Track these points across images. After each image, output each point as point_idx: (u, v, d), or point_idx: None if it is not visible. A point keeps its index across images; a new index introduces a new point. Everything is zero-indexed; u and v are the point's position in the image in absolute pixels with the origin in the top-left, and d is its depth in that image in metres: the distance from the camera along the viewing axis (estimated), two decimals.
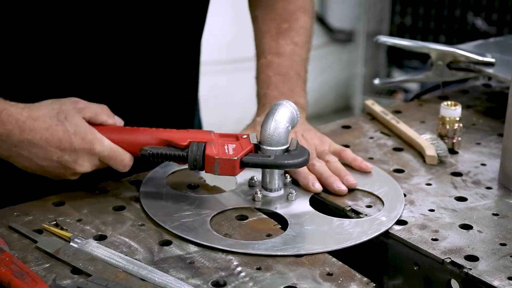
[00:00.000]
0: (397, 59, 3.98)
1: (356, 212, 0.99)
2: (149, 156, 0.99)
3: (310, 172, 1.05)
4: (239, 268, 0.85)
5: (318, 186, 1.03)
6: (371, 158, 1.16)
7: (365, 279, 0.84)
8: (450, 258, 0.88)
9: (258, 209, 0.99)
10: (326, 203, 1.03)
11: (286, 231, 0.94)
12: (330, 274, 0.85)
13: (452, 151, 1.19)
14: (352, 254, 0.92)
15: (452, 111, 1.20)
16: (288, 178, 1.05)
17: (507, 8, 3.67)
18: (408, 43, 1.45)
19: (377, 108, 1.33)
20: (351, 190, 1.04)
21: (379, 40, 1.41)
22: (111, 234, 0.92)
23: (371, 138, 1.25)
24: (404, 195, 1.04)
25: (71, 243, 0.88)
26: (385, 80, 1.50)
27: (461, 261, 0.88)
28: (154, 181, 1.06)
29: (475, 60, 1.36)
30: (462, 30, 3.77)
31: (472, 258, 0.88)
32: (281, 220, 0.97)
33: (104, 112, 1.01)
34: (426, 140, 1.18)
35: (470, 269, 0.86)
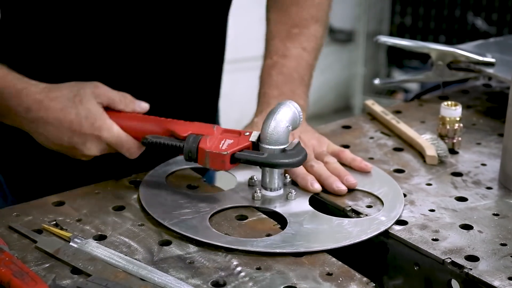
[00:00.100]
0: (397, 59, 3.98)
1: (357, 212, 0.99)
2: (149, 144, 1.01)
3: (309, 173, 1.05)
4: (238, 268, 0.85)
5: (317, 186, 1.03)
6: (372, 158, 1.16)
7: (364, 279, 0.84)
8: (451, 258, 0.88)
9: (257, 208, 0.99)
10: (326, 203, 1.03)
11: (285, 229, 0.93)
12: (330, 274, 0.85)
13: (452, 151, 1.19)
14: (352, 254, 0.92)
15: (452, 111, 1.20)
16: (288, 178, 1.05)
17: (507, 8, 3.67)
18: (408, 43, 1.45)
19: (377, 108, 1.33)
20: (351, 190, 1.04)
21: (379, 40, 1.41)
22: (110, 234, 0.92)
23: (371, 138, 1.25)
24: (405, 195, 1.04)
25: (70, 243, 0.88)
26: (385, 80, 1.50)
27: (461, 261, 0.88)
28: (154, 180, 1.06)
29: (475, 60, 1.36)
30: (462, 30, 3.78)
31: (473, 258, 0.88)
32: (280, 220, 0.97)
33: (123, 101, 1.04)
34: (427, 140, 1.18)
35: (471, 269, 0.86)
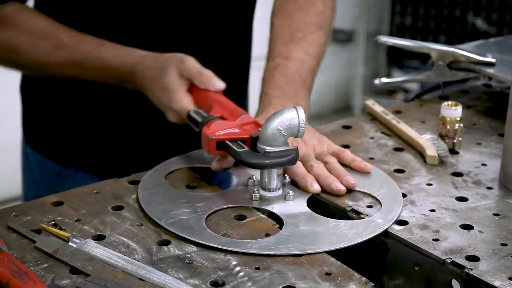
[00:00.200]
0: (397, 59, 3.99)
1: (357, 212, 0.99)
2: (187, 117, 1.11)
3: (309, 173, 1.05)
4: (237, 268, 0.85)
5: (316, 187, 1.03)
6: (372, 158, 1.16)
7: (363, 278, 0.83)
8: (451, 258, 0.88)
9: (255, 208, 0.99)
10: (326, 204, 1.02)
11: (281, 231, 0.93)
12: (328, 274, 0.84)
13: (453, 151, 1.19)
14: (353, 254, 0.92)
15: (452, 111, 1.19)
16: (287, 179, 1.04)
17: (507, 8, 3.67)
18: (408, 43, 1.45)
19: (377, 108, 1.33)
20: (350, 191, 1.04)
21: (379, 40, 1.41)
22: (109, 234, 0.92)
23: (372, 138, 1.24)
24: (405, 196, 1.03)
25: (69, 243, 0.88)
26: (385, 80, 1.49)
27: (462, 261, 0.87)
28: (153, 180, 1.05)
29: (475, 60, 1.36)
30: (462, 30, 3.78)
31: (473, 258, 0.88)
32: (279, 220, 0.96)
33: (198, 78, 1.13)
34: (427, 140, 1.17)
35: (471, 269, 0.86)
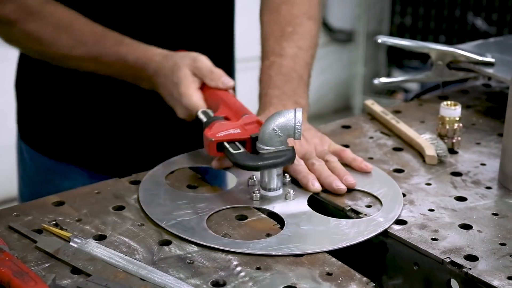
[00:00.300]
0: (397, 59, 3.98)
1: (356, 212, 0.99)
2: (195, 116, 1.13)
3: (310, 171, 1.05)
4: (238, 268, 0.85)
5: (317, 185, 1.03)
6: (371, 158, 1.16)
7: (364, 278, 0.84)
8: (450, 258, 0.88)
9: (256, 208, 0.99)
10: (325, 203, 1.03)
11: (282, 231, 0.93)
12: (329, 274, 0.85)
13: (452, 151, 1.19)
14: (352, 254, 0.92)
15: (452, 111, 1.20)
16: (288, 178, 1.05)
17: (507, 8, 3.67)
18: (408, 43, 1.45)
19: (377, 108, 1.33)
20: (350, 190, 1.04)
21: (379, 40, 1.41)
22: (110, 234, 0.92)
23: (371, 138, 1.25)
24: (404, 195, 1.04)
25: (70, 243, 0.88)
26: (385, 80, 1.50)
27: (460, 260, 0.88)
28: (153, 180, 1.06)
29: (475, 60, 1.36)
30: (462, 30, 3.78)
31: (472, 258, 0.88)
32: (280, 220, 0.97)
33: (209, 76, 1.16)
34: (426, 140, 1.18)
35: (470, 268, 0.86)
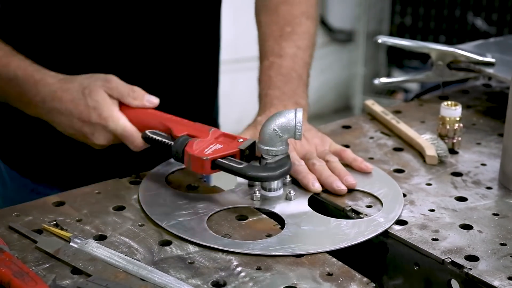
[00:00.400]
0: (397, 59, 3.98)
1: (357, 212, 0.99)
2: (145, 139, 1.04)
3: (310, 171, 1.05)
4: (239, 268, 0.85)
5: (318, 186, 1.03)
6: (371, 158, 1.16)
7: (365, 279, 0.84)
8: (450, 258, 0.88)
9: (256, 208, 0.99)
10: (326, 204, 1.03)
11: (283, 231, 0.93)
12: (330, 274, 0.85)
13: (452, 151, 1.19)
14: (352, 254, 0.92)
15: (452, 111, 1.20)
16: (288, 178, 1.05)
17: (507, 8, 3.67)
18: (408, 43, 1.45)
19: (377, 108, 1.33)
20: (351, 191, 1.04)
21: (379, 40, 1.41)
22: (111, 234, 0.92)
23: (371, 138, 1.25)
24: (404, 195, 1.04)
25: (71, 243, 0.88)
26: (385, 80, 1.49)
27: (461, 261, 0.88)
28: (154, 180, 1.06)
29: (475, 60, 1.36)
30: (462, 30, 3.78)
31: (472, 258, 0.88)
32: (280, 220, 0.97)
33: (131, 95, 1.07)
34: (426, 140, 1.18)
35: (470, 269, 0.86)
